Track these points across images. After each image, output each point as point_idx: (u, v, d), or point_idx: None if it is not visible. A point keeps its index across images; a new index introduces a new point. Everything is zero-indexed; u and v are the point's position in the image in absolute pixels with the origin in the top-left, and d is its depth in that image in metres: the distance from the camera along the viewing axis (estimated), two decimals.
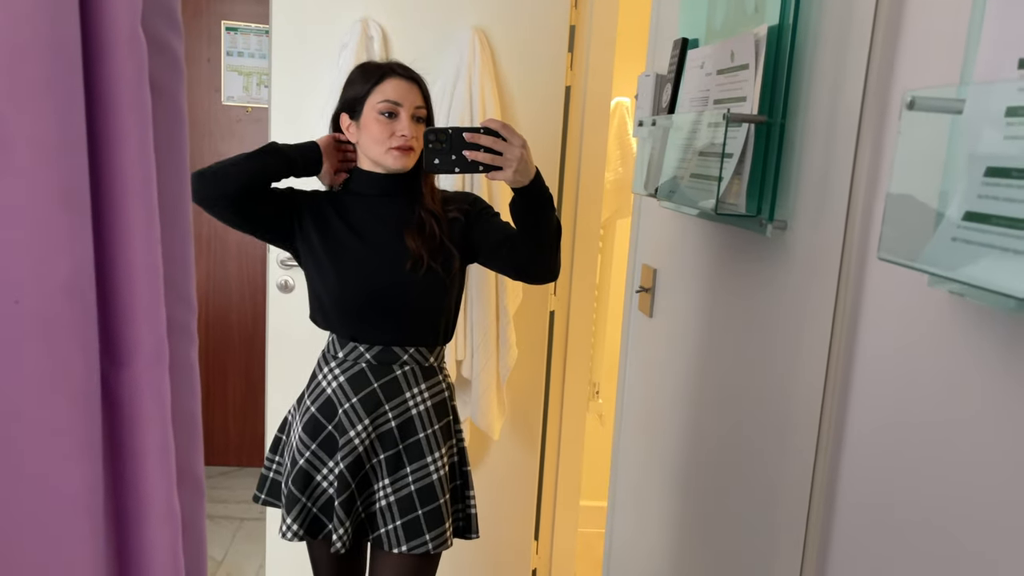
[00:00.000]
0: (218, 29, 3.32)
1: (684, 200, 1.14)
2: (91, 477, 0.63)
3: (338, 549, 1.53)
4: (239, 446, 3.56)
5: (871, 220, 0.81)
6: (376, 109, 1.52)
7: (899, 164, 0.61)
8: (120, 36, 0.63)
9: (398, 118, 1.52)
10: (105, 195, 0.64)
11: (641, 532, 1.64)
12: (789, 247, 0.98)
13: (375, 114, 1.52)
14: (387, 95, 1.52)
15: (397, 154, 1.52)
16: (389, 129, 1.51)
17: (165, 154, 0.72)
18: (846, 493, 0.86)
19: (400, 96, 1.52)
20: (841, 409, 0.86)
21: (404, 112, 1.52)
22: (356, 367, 1.55)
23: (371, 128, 1.52)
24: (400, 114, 1.52)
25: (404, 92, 1.53)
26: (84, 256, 0.61)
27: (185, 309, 0.76)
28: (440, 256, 1.54)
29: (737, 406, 1.16)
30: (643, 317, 1.65)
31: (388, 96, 1.52)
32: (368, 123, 1.53)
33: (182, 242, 0.76)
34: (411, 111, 1.53)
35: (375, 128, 1.52)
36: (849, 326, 0.84)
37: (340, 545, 1.52)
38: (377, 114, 1.52)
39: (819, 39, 0.93)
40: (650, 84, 1.43)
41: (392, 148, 1.51)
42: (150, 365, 0.68)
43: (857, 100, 0.82)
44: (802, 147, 0.95)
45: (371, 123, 1.52)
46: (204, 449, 0.79)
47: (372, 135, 1.52)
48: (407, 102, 1.53)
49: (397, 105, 1.52)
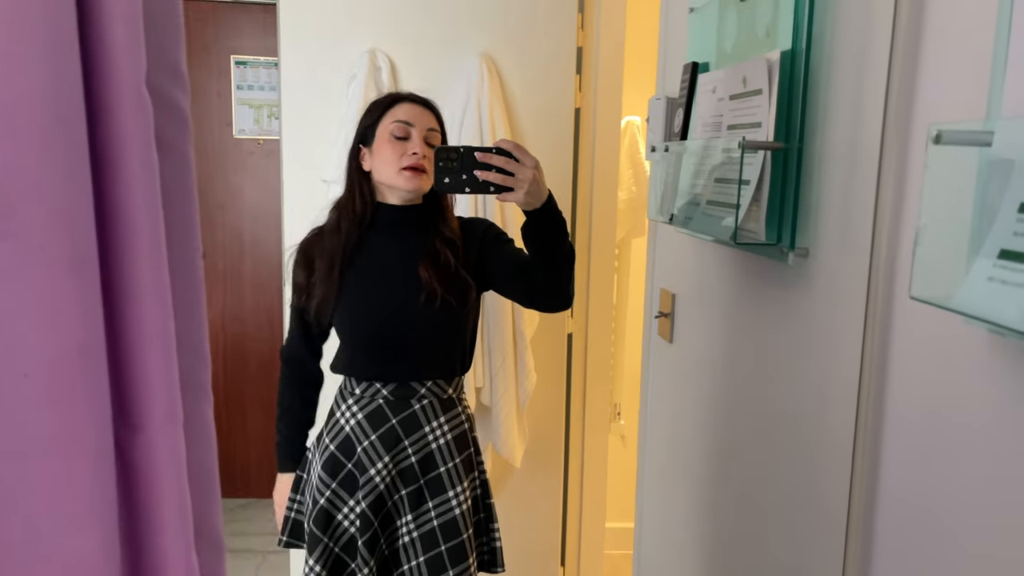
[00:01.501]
0: (227, 63, 3.35)
1: (701, 227, 1.12)
2: (105, 541, 0.62)
3: None
4: (259, 477, 3.55)
5: (898, 246, 0.79)
6: (388, 131, 1.50)
7: (927, 199, 0.59)
8: (125, 95, 0.63)
9: (410, 139, 1.50)
10: (113, 256, 0.63)
11: (670, 557, 1.61)
12: (812, 275, 0.96)
13: (387, 136, 1.50)
14: (398, 116, 1.51)
15: (409, 175, 1.49)
16: (400, 149, 1.50)
17: (174, 207, 0.71)
18: (884, 521, 0.84)
19: (412, 117, 1.51)
20: (875, 443, 0.84)
21: (416, 133, 1.51)
22: (373, 403, 1.53)
23: (383, 150, 1.51)
24: (412, 135, 1.50)
25: (416, 115, 1.52)
26: (94, 321, 0.60)
27: (199, 364, 0.75)
28: (455, 287, 1.51)
29: (764, 435, 1.13)
30: (663, 342, 1.62)
31: (399, 117, 1.51)
32: (380, 146, 1.51)
33: (194, 296, 0.75)
34: (423, 133, 1.51)
35: (387, 150, 1.50)
36: (879, 357, 0.81)
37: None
38: (389, 135, 1.50)
39: (834, 63, 0.91)
40: (661, 108, 1.42)
41: (403, 168, 1.49)
42: (164, 426, 0.66)
43: (877, 124, 0.80)
44: (821, 173, 0.93)
45: (383, 145, 1.51)
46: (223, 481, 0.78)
47: (384, 157, 1.50)
48: (419, 124, 1.51)
49: (409, 126, 1.50)
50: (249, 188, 3.43)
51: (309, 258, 1.57)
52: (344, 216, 1.55)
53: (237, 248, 3.45)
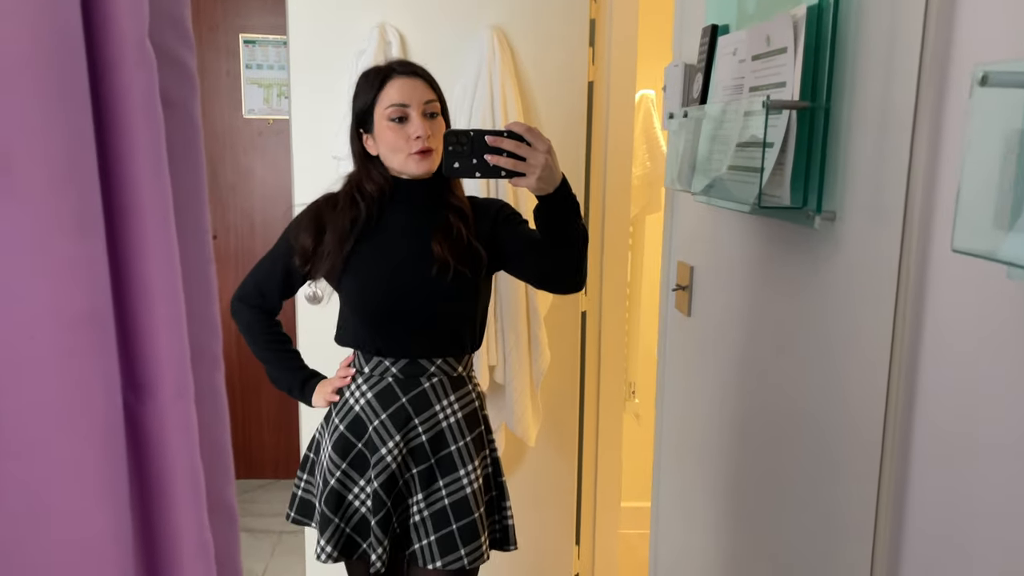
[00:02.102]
0: (236, 42, 3.32)
1: (723, 194, 1.09)
2: (117, 514, 0.60)
3: (378, 569, 1.50)
4: (275, 458, 3.55)
5: (933, 207, 0.75)
6: (385, 116, 1.46)
7: (971, 147, 0.56)
8: (128, 49, 0.60)
9: (409, 120, 1.46)
10: (119, 218, 0.61)
11: (689, 535, 1.59)
12: (840, 239, 0.93)
13: (385, 122, 1.46)
14: (392, 99, 1.46)
15: (418, 158, 1.46)
16: (403, 134, 1.45)
17: (181, 170, 0.68)
18: (918, 498, 0.81)
19: (405, 96, 1.46)
20: (907, 412, 0.81)
21: (414, 112, 1.46)
22: (383, 382, 1.51)
23: (385, 137, 1.47)
24: (410, 115, 1.45)
25: (409, 91, 1.46)
26: (101, 284, 0.58)
27: (209, 334, 0.73)
28: (467, 258, 1.49)
29: (788, 408, 1.10)
30: (681, 316, 1.60)
31: (393, 100, 1.45)
32: (381, 132, 1.47)
33: (203, 263, 0.73)
34: (420, 108, 1.46)
35: (389, 136, 1.46)
36: (913, 322, 0.78)
37: (380, 565, 1.50)
38: (387, 121, 1.46)
39: (864, 16, 0.87)
40: (679, 74, 1.38)
41: (411, 154, 1.46)
42: (175, 396, 0.64)
43: (912, 77, 0.76)
44: (850, 132, 0.90)
45: (384, 132, 1.47)
46: (240, 463, 0.77)
47: (388, 144, 1.47)
48: (414, 100, 1.46)
49: (404, 107, 1.45)
50: (259, 168, 3.41)
51: (319, 224, 1.54)
52: (363, 193, 1.52)
53: (248, 229, 3.44)
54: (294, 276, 1.59)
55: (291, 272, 1.58)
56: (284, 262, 1.58)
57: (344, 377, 1.57)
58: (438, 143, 1.47)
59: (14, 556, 0.57)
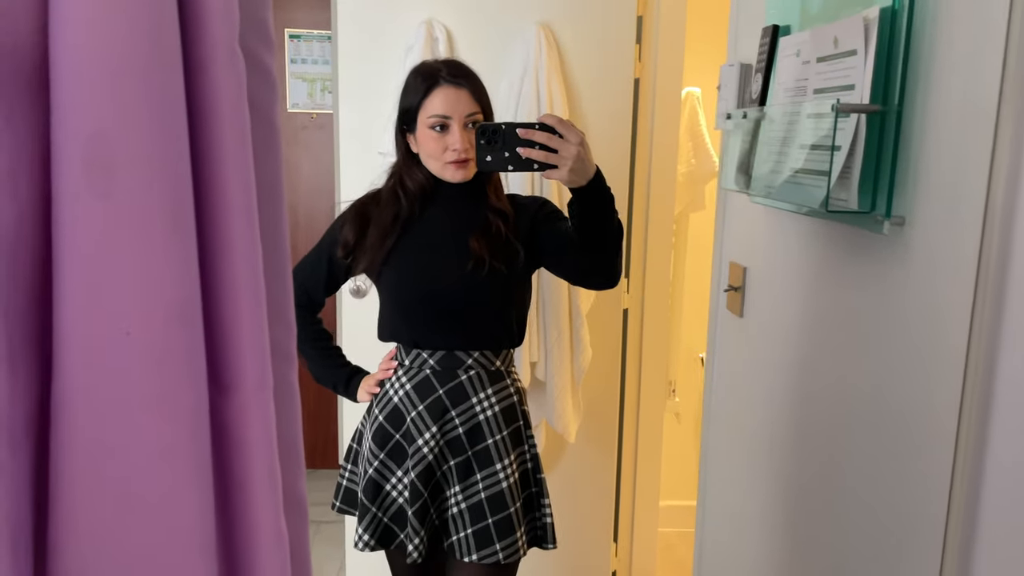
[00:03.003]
0: (281, 37, 3.35)
1: (786, 196, 1.08)
2: (202, 504, 0.62)
3: (415, 559, 1.52)
4: (313, 449, 3.60)
5: (1014, 213, 0.74)
6: (427, 124, 1.48)
7: None
8: (220, 53, 0.61)
9: (449, 130, 1.47)
10: (208, 217, 0.62)
11: (737, 538, 1.58)
12: (910, 245, 0.92)
13: (426, 129, 1.48)
14: (435, 109, 1.47)
15: (454, 168, 1.49)
16: (442, 144, 1.48)
17: (262, 172, 0.70)
18: (990, 515, 0.80)
19: (448, 108, 1.47)
20: (982, 429, 0.79)
21: (455, 124, 1.47)
22: (421, 374, 1.53)
23: (426, 143, 1.49)
24: (451, 126, 1.47)
25: (452, 103, 1.47)
26: (191, 281, 0.60)
27: (285, 331, 0.75)
28: (504, 255, 1.50)
29: (849, 419, 1.09)
30: (732, 316, 1.59)
31: (436, 111, 1.47)
32: (422, 138, 1.50)
33: (281, 261, 0.74)
34: (462, 120, 1.47)
35: (429, 143, 1.49)
36: (990, 334, 0.77)
37: (417, 555, 1.51)
38: (428, 128, 1.48)
39: (942, 18, 0.85)
40: (735, 74, 1.37)
41: (448, 163, 1.48)
42: (256, 390, 0.66)
43: (995, 82, 0.75)
44: (924, 136, 0.88)
45: (425, 138, 1.49)
46: None
47: (427, 150, 1.50)
48: (456, 112, 1.47)
49: (447, 119, 1.47)
50: (303, 162, 3.45)
51: (364, 219, 1.57)
52: (404, 189, 1.55)
53: (292, 222, 3.48)
54: (338, 272, 1.62)
55: (334, 269, 1.61)
56: (328, 259, 1.61)
57: (387, 370, 1.59)
58: (475, 151, 1.49)
59: (111, 542, 0.59)
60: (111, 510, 0.59)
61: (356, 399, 1.64)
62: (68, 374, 0.56)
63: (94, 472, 0.58)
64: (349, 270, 1.61)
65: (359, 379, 1.65)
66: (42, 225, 0.55)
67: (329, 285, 1.65)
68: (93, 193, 0.54)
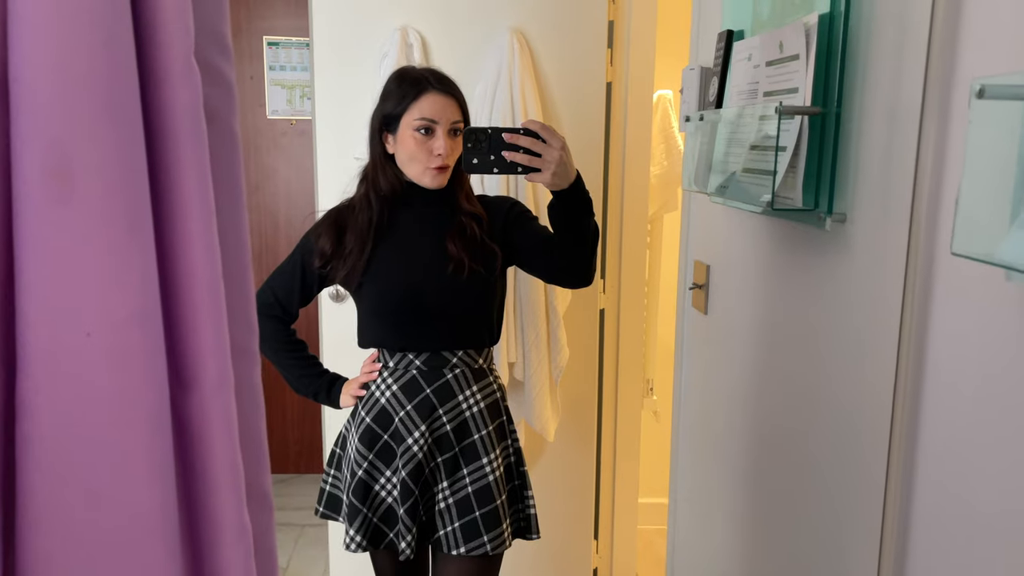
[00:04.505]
0: (260, 45, 3.37)
1: (738, 196, 1.12)
2: (165, 499, 0.64)
3: (408, 556, 1.54)
4: (298, 453, 3.61)
5: (939, 209, 0.78)
6: (412, 127, 1.49)
7: (971, 155, 0.58)
8: (176, 66, 0.64)
9: (434, 135, 1.49)
10: (167, 221, 0.65)
11: (706, 531, 1.61)
12: (850, 240, 0.96)
13: (411, 131, 1.49)
14: (424, 112, 1.49)
15: (434, 173, 1.51)
16: (426, 148, 1.49)
17: (221, 179, 0.72)
18: (923, 494, 0.84)
19: (437, 113, 1.49)
20: (913, 410, 0.83)
21: (440, 129, 1.49)
22: (407, 375, 1.56)
23: (408, 145, 1.50)
24: (436, 131, 1.49)
25: (440, 108, 1.50)
26: (151, 283, 0.62)
27: (246, 331, 0.77)
28: (481, 256, 1.53)
29: (800, 406, 1.13)
30: (698, 314, 1.62)
31: (425, 114, 1.49)
32: (404, 139, 1.51)
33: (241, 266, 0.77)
34: (447, 127, 1.50)
35: (411, 145, 1.50)
36: (919, 320, 0.81)
37: (409, 552, 1.54)
38: (413, 131, 1.49)
39: (874, 25, 0.90)
40: (695, 78, 1.41)
41: (429, 168, 1.50)
42: (217, 388, 0.68)
43: (918, 86, 0.79)
44: (860, 137, 0.92)
45: (407, 140, 1.50)
46: None
47: (409, 152, 1.51)
48: (443, 118, 1.50)
49: (434, 123, 1.49)
50: (283, 168, 3.47)
51: (340, 228, 1.58)
52: (375, 193, 1.56)
53: (272, 228, 3.50)
54: (312, 283, 1.63)
55: (308, 279, 1.62)
56: (302, 270, 1.62)
57: (370, 372, 1.61)
58: (454, 160, 1.52)
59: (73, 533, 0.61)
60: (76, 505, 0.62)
61: (339, 405, 1.66)
62: (31, 375, 0.59)
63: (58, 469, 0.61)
64: (324, 280, 1.62)
65: (340, 385, 1.66)
66: (3, 230, 0.58)
67: (303, 296, 1.65)
68: (51, 199, 0.57)
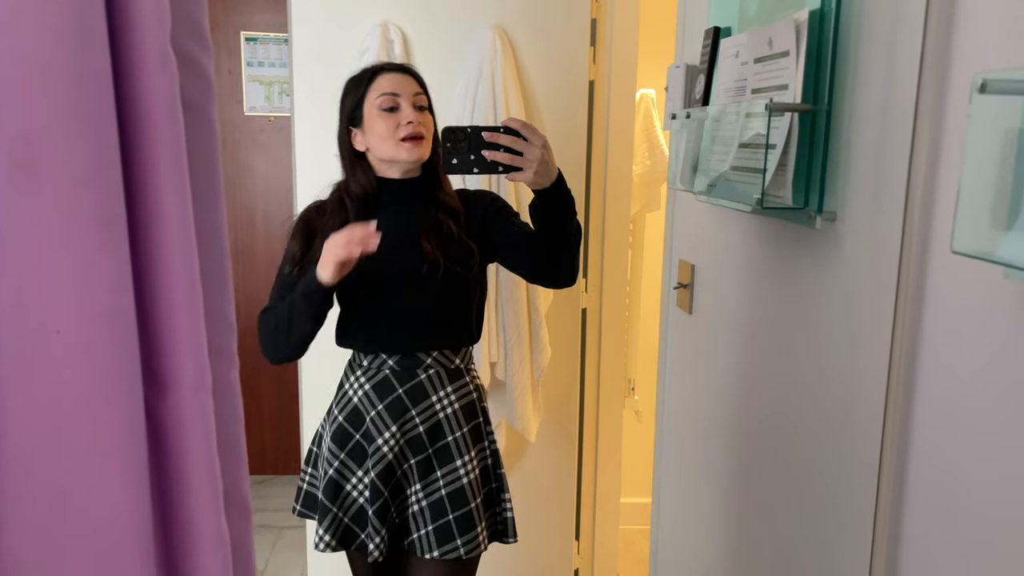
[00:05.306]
0: (237, 40, 3.32)
1: (725, 194, 1.11)
2: (139, 503, 0.62)
3: (376, 558, 1.52)
4: (275, 454, 3.57)
5: (933, 208, 0.77)
6: (376, 106, 1.48)
7: (970, 150, 0.57)
8: (152, 56, 0.62)
9: (399, 109, 1.48)
10: (141, 218, 0.63)
11: (690, 529, 1.61)
12: (840, 239, 0.95)
13: (376, 111, 1.48)
14: (383, 89, 1.49)
15: (409, 145, 1.48)
16: (394, 121, 1.48)
17: (199, 172, 0.70)
18: (915, 496, 0.83)
19: (396, 87, 1.49)
20: (906, 409, 0.83)
21: (404, 101, 1.49)
22: (380, 374, 1.53)
23: (376, 126, 1.48)
24: (401, 104, 1.48)
25: (399, 83, 1.50)
26: (123, 280, 0.60)
27: (225, 331, 0.75)
28: (458, 255, 1.51)
29: (789, 405, 1.12)
30: (682, 314, 1.61)
31: (384, 90, 1.48)
32: (371, 122, 1.49)
33: (219, 262, 0.74)
34: (411, 99, 1.49)
35: (379, 125, 1.48)
36: (912, 320, 0.80)
37: (378, 554, 1.51)
38: (378, 110, 1.48)
39: (865, 20, 0.89)
40: (680, 76, 1.40)
41: (402, 139, 1.47)
42: (193, 390, 0.66)
43: (912, 82, 0.78)
44: (851, 135, 0.91)
45: (374, 121, 1.49)
46: None
47: (378, 132, 1.48)
48: (404, 91, 1.49)
49: (396, 96, 1.48)
50: (261, 165, 3.42)
51: (309, 231, 1.56)
52: (349, 197, 1.53)
53: (249, 225, 3.45)
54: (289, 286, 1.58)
55: (290, 282, 1.57)
56: (286, 275, 1.59)
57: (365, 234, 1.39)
58: (428, 132, 1.50)
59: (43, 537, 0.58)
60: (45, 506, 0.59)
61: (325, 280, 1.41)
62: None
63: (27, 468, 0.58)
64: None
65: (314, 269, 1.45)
66: None
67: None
68: (18, 191, 0.54)
